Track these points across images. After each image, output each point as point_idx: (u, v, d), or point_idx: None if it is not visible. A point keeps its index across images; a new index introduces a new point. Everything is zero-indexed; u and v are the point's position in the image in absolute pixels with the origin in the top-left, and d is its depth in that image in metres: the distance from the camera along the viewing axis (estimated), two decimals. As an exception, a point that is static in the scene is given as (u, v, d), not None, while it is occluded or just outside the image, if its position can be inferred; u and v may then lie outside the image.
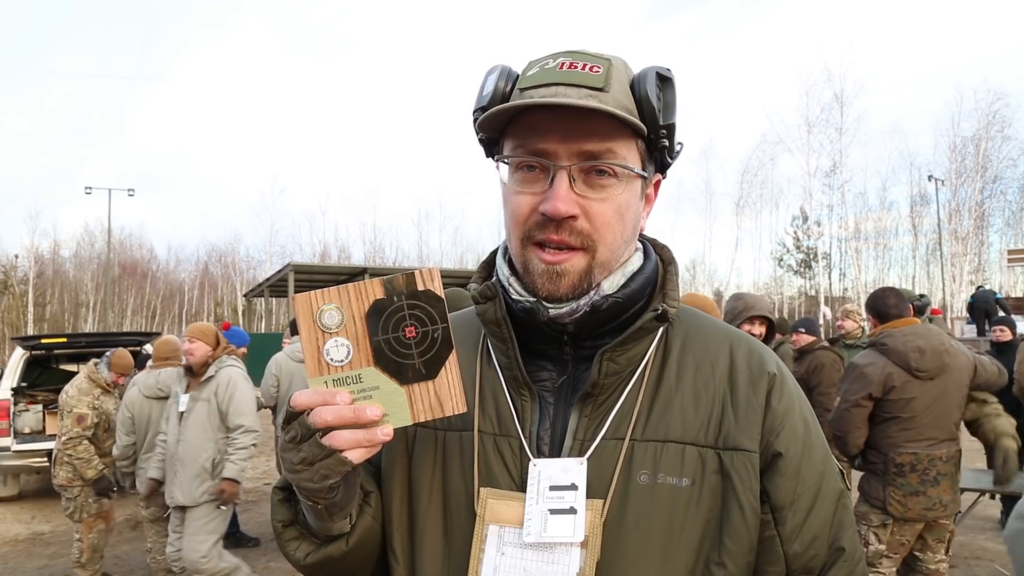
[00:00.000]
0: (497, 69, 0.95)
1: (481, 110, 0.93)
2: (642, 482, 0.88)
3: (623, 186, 0.90)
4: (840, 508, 0.93)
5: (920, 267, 39.87)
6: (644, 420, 0.91)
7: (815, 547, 0.90)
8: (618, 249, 0.93)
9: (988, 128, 33.30)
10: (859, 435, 3.59)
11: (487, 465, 0.93)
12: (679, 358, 0.96)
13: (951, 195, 33.99)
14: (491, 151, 0.98)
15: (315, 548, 0.93)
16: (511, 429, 0.94)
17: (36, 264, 46.95)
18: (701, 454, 0.89)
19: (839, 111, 33.30)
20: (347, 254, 51.13)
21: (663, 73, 0.91)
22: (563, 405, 0.94)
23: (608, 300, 0.92)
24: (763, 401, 0.92)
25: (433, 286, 0.83)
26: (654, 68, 0.91)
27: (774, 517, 0.89)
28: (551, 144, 0.88)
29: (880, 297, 3.86)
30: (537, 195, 0.89)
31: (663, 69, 0.91)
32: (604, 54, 0.92)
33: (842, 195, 34.65)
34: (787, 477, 0.90)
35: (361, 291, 0.83)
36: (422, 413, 0.84)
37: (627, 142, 0.90)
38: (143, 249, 56.41)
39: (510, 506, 0.90)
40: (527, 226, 0.90)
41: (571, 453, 0.91)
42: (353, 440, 0.80)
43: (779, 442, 0.90)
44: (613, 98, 0.87)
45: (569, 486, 0.88)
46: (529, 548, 0.87)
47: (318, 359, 0.82)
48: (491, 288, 0.96)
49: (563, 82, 0.87)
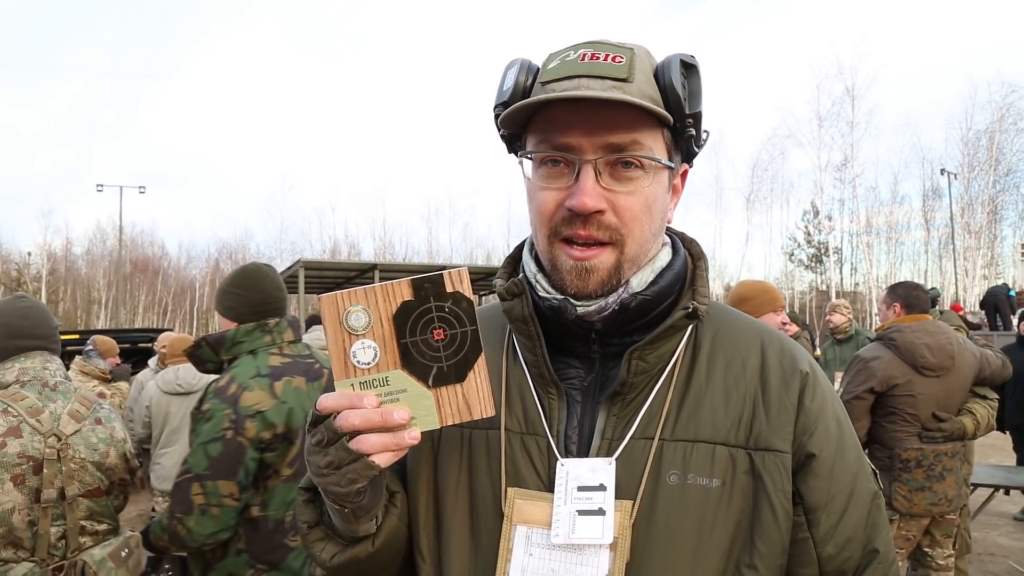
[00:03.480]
0: (517, 63, 0.93)
1: (502, 106, 0.91)
2: (672, 483, 0.86)
3: (650, 178, 0.89)
4: (874, 509, 0.92)
5: (932, 261, 39.58)
6: (673, 419, 0.90)
7: (849, 549, 0.89)
8: (647, 243, 0.91)
9: (1002, 121, 32.95)
10: (860, 427, 3.60)
11: (514, 464, 0.92)
12: (709, 356, 0.95)
13: (964, 189, 33.68)
14: (513, 147, 0.97)
15: (341, 549, 0.92)
16: (538, 428, 0.93)
17: (49, 261, 47.32)
18: (732, 454, 0.88)
19: (850, 105, 33.04)
20: (357, 250, 51.23)
21: (687, 60, 0.89)
22: (591, 404, 0.93)
23: (637, 298, 0.90)
24: (796, 400, 0.91)
25: (462, 288, 0.82)
26: (678, 55, 0.89)
27: (807, 519, 0.88)
28: (575, 138, 0.86)
29: (913, 288, 3.86)
30: (563, 190, 0.88)
31: (687, 56, 0.90)
32: (626, 43, 0.90)
33: (853, 189, 34.40)
34: (821, 478, 0.88)
35: (389, 292, 0.81)
36: (450, 416, 0.83)
37: (653, 132, 0.88)
38: (154, 246, 56.75)
39: (538, 506, 0.89)
40: (554, 222, 0.89)
41: (599, 453, 0.90)
42: (380, 444, 0.79)
43: (812, 442, 0.89)
44: (637, 88, 0.86)
45: (598, 487, 0.87)
46: (557, 549, 0.86)
47: (344, 361, 0.81)
48: (518, 285, 0.94)
49: (586, 74, 0.86)
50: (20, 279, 43.88)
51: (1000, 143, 33.15)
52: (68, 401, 2.20)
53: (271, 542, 2.18)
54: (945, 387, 3.54)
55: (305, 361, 2.37)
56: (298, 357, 2.36)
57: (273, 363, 2.28)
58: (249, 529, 2.18)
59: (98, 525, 2.19)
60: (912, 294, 3.82)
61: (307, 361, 2.38)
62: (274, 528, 2.20)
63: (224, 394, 2.16)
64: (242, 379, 2.20)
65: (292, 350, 2.37)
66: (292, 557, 2.22)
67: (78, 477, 2.14)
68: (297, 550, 2.23)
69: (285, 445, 2.20)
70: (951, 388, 3.56)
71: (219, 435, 2.10)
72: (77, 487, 2.13)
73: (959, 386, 3.59)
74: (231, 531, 2.15)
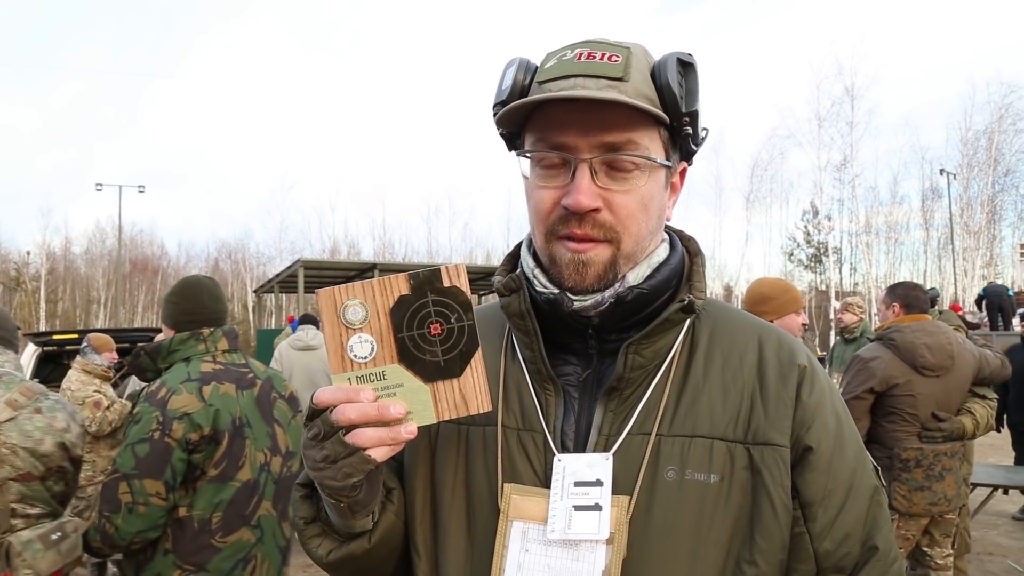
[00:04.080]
0: (515, 62, 0.94)
1: (500, 104, 0.92)
2: (669, 478, 0.86)
3: (646, 177, 0.89)
4: (874, 505, 0.91)
5: (932, 261, 39.56)
6: (671, 415, 0.90)
7: (847, 545, 0.88)
8: (643, 240, 0.91)
9: (1001, 121, 32.92)
10: (860, 427, 3.60)
11: (511, 460, 0.92)
12: (706, 351, 0.95)
13: (963, 189, 33.66)
14: (512, 144, 0.97)
15: (337, 545, 0.93)
16: (535, 424, 0.93)
17: (48, 261, 47.26)
18: (730, 449, 0.88)
19: (850, 105, 33.02)
20: (357, 250, 51.20)
21: (684, 59, 0.89)
22: (588, 400, 0.93)
23: (633, 291, 0.90)
24: (793, 394, 0.91)
25: (459, 282, 0.82)
26: (675, 54, 0.89)
27: (804, 514, 0.87)
28: (571, 137, 0.86)
29: (912, 288, 3.87)
30: (559, 189, 0.88)
31: (684, 54, 0.90)
32: (623, 42, 0.91)
33: (853, 189, 34.37)
34: (818, 472, 0.88)
35: (386, 287, 0.81)
36: (447, 411, 0.83)
37: (649, 132, 0.88)
38: (154, 246, 56.68)
39: (534, 502, 0.88)
40: (550, 220, 0.89)
41: (596, 448, 0.90)
42: (377, 438, 0.79)
43: (810, 436, 0.89)
44: (633, 87, 0.86)
45: (594, 482, 0.87)
46: (554, 545, 0.86)
47: (341, 355, 0.81)
48: (515, 280, 0.95)
49: (582, 73, 0.86)
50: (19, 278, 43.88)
51: (999, 143, 33.15)
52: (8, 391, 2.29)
53: (197, 542, 2.26)
54: (944, 387, 3.55)
55: (238, 369, 2.49)
56: (231, 365, 2.48)
57: (204, 369, 2.40)
58: (176, 529, 2.26)
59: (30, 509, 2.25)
60: (911, 294, 3.82)
61: (240, 370, 2.50)
62: (200, 528, 2.27)
63: (154, 398, 2.27)
64: (172, 384, 2.31)
65: (226, 358, 2.48)
66: (220, 559, 2.29)
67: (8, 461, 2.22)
68: (225, 551, 2.29)
69: (212, 447, 2.29)
70: (950, 388, 3.56)
71: (147, 436, 2.20)
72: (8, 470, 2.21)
73: (958, 386, 3.60)
74: (159, 531, 2.23)
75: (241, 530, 2.33)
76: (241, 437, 2.37)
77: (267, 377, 2.59)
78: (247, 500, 2.36)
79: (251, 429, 2.41)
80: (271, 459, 2.46)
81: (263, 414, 2.48)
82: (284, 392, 2.64)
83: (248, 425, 2.40)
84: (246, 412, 2.41)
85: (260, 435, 2.44)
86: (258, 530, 2.38)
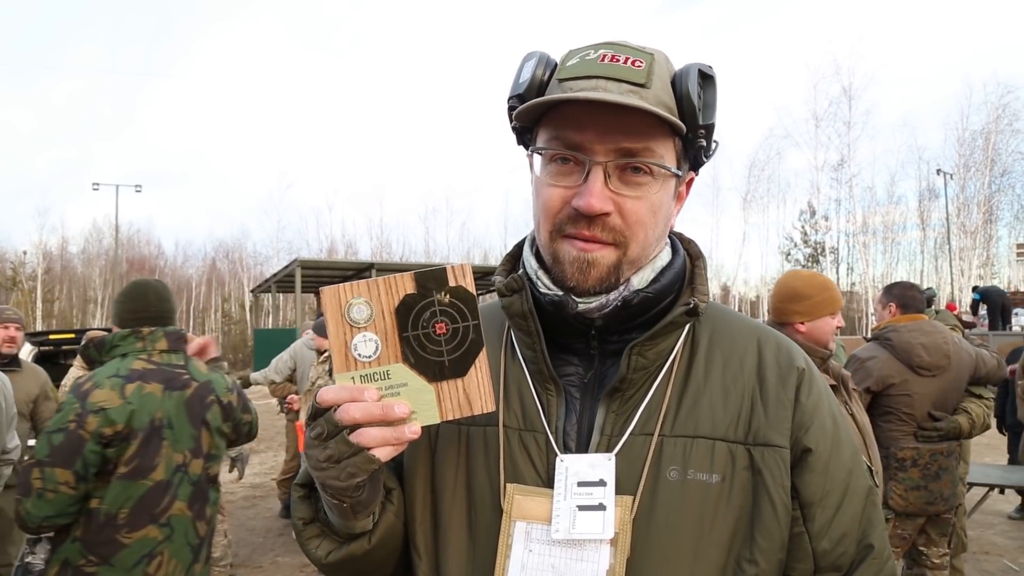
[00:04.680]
0: (535, 56, 0.93)
1: (518, 98, 0.91)
2: (672, 478, 0.87)
3: (658, 185, 0.89)
4: (869, 505, 0.92)
5: (928, 261, 39.66)
6: (673, 415, 0.90)
7: (843, 544, 0.89)
8: (649, 247, 0.92)
9: (997, 122, 33.01)
10: None
11: (512, 460, 0.92)
12: (707, 353, 0.95)
13: (959, 189, 33.75)
14: (523, 139, 0.97)
15: (337, 546, 0.92)
16: (536, 424, 0.93)
17: (44, 260, 47.13)
18: (731, 450, 0.88)
19: (847, 105, 33.13)
20: (354, 250, 51.17)
21: (705, 71, 0.89)
22: (590, 400, 0.93)
23: (639, 295, 0.90)
24: (792, 396, 0.91)
25: (465, 282, 0.82)
26: (696, 65, 0.89)
27: (803, 514, 0.88)
28: (588, 139, 0.86)
29: (908, 288, 3.87)
30: (570, 189, 0.88)
31: (706, 67, 0.90)
32: (647, 48, 0.90)
33: (850, 189, 34.48)
34: (816, 473, 0.89)
35: (391, 285, 0.81)
36: (450, 411, 0.83)
37: (665, 140, 0.88)
38: (151, 245, 56.57)
39: (537, 502, 0.89)
40: (558, 219, 0.89)
41: (599, 449, 0.90)
42: (381, 438, 0.79)
43: (808, 438, 0.89)
44: (654, 95, 0.86)
45: (598, 482, 0.87)
46: (557, 545, 0.87)
47: (345, 354, 0.81)
48: (517, 281, 0.94)
49: (604, 75, 0.86)
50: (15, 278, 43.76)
51: (996, 143, 33.25)
52: None
53: (103, 535, 2.33)
54: (941, 386, 3.55)
55: (172, 370, 2.55)
56: (165, 365, 2.54)
57: (135, 367, 2.47)
58: (86, 519, 2.34)
59: None
60: (907, 294, 3.83)
61: (174, 371, 2.56)
62: (106, 521, 2.34)
63: (79, 390, 2.37)
64: (98, 378, 2.40)
65: (162, 358, 2.55)
66: (126, 554, 2.35)
67: None
68: (131, 548, 2.35)
69: (125, 444, 2.36)
70: (947, 387, 3.57)
71: (64, 426, 2.30)
72: None
73: (955, 385, 3.61)
74: (69, 518, 2.32)
75: (148, 527, 2.38)
76: (159, 437, 2.41)
77: (206, 381, 2.64)
78: (158, 499, 2.40)
79: (172, 430, 2.45)
80: (191, 461, 2.51)
81: (191, 416, 2.52)
82: (224, 399, 2.68)
83: (169, 426, 2.44)
84: (169, 413, 2.45)
85: (183, 437, 2.49)
86: (167, 528, 2.42)
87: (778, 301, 2.77)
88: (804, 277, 2.87)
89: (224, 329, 50.32)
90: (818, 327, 2.68)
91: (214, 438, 2.62)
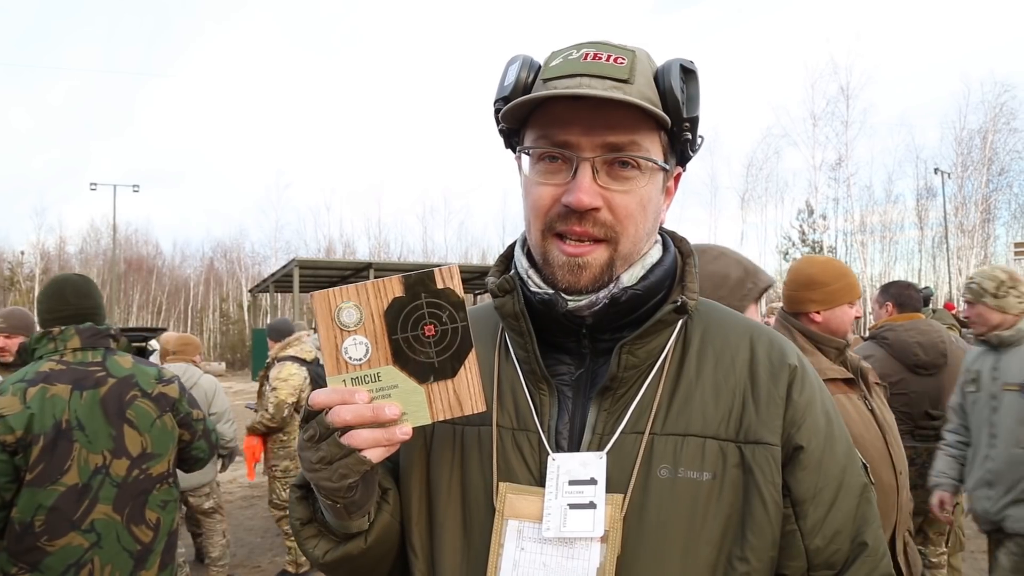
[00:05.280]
0: (519, 59, 0.94)
1: (503, 100, 0.92)
2: (662, 476, 0.87)
3: (646, 178, 0.90)
4: (863, 502, 0.92)
5: (926, 260, 39.70)
6: (664, 414, 0.91)
7: (837, 542, 0.90)
8: (640, 242, 0.92)
9: (995, 120, 33.08)
10: None
11: (505, 460, 0.92)
12: (699, 351, 0.95)
13: (957, 188, 33.82)
14: (511, 142, 0.97)
15: (334, 546, 0.93)
16: (529, 423, 0.93)
17: (42, 260, 47.14)
18: (722, 448, 0.89)
19: (845, 104, 33.19)
20: (352, 249, 51.21)
21: (687, 66, 0.90)
22: (582, 399, 0.94)
23: (627, 292, 0.91)
24: (784, 394, 0.92)
25: (452, 284, 0.82)
26: (678, 60, 0.90)
27: (795, 511, 0.89)
28: (574, 135, 0.87)
29: (905, 287, 3.89)
30: (559, 186, 0.89)
31: (687, 62, 0.91)
32: (628, 45, 0.91)
33: (848, 188, 34.54)
34: (808, 471, 0.89)
35: (380, 289, 0.82)
36: (441, 412, 0.83)
37: (650, 134, 0.89)
38: (149, 245, 56.61)
39: (529, 501, 0.89)
40: (548, 217, 0.90)
41: (590, 447, 0.90)
42: (372, 439, 0.79)
43: (800, 435, 0.90)
44: (638, 90, 0.87)
45: (588, 480, 0.87)
46: (549, 543, 0.87)
47: (336, 357, 0.82)
48: (509, 281, 0.95)
49: (588, 73, 0.87)
50: (13, 278, 43.73)
51: (993, 142, 33.31)
52: None
53: (23, 543, 2.28)
54: (938, 385, 3.56)
55: (85, 369, 2.44)
56: (77, 365, 2.44)
57: (44, 369, 2.39)
58: (9, 528, 2.30)
59: None
60: (904, 293, 3.84)
61: (88, 369, 2.45)
62: (22, 530, 2.28)
63: None
64: (5, 384, 2.35)
65: (74, 357, 2.45)
66: (51, 560, 2.28)
67: None
68: (55, 555, 2.28)
69: (29, 450, 2.29)
70: (944, 386, 3.58)
71: None
72: None
73: (952, 384, 3.60)
74: None
75: (70, 535, 2.29)
76: (68, 440, 2.31)
77: (127, 375, 2.50)
78: (75, 504, 2.30)
79: (84, 432, 2.34)
80: (111, 461, 2.38)
81: (107, 415, 2.40)
82: (151, 390, 2.54)
83: (80, 428, 2.34)
84: (79, 414, 2.35)
85: (98, 437, 2.37)
86: (92, 535, 2.32)
87: (792, 289, 2.56)
88: (820, 263, 2.67)
89: (222, 329, 50.33)
90: (835, 316, 2.49)
91: (146, 434, 2.48)
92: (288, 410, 5.08)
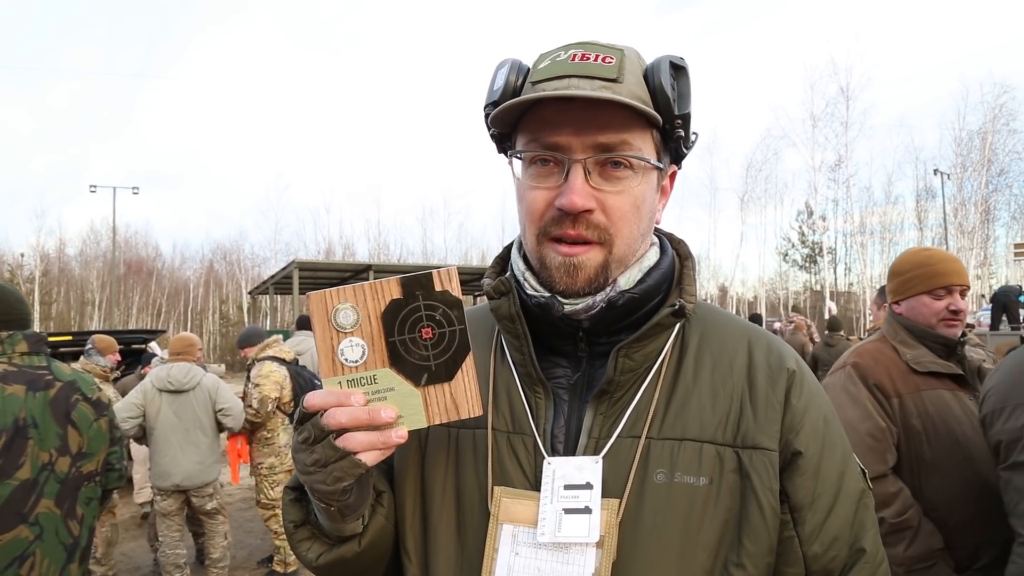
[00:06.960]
0: (507, 63, 0.94)
1: (492, 105, 0.92)
2: (659, 481, 0.86)
3: (639, 178, 0.89)
4: (861, 508, 0.92)
5: (926, 261, 39.59)
6: (661, 418, 0.90)
7: (835, 548, 0.89)
8: (635, 243, 0.92)
9: (994, 121, 33.07)
10: None
11: (501, 463, 0.92)
12: (696, 355, 0.95)
13: (957, 189, 33.81)
14: (503, 146, 0.97)
15: (327, 549, 0.92)
16: (525, 427, 0.93)
17: (42, 262, 47.11)
18: (719, 453, 0.88)
19: (844, 105, 33.20)
20: (352, 251, 51.19)
21: (676, 62, 0.90)
22: (578, 403, 0.93)
23: (624, 296, 0.90)
24: (782, 398, 0.91)
25: (451, 287, 0.82)
26: (667, 57, 0.90)
27: (793, 517, 0.88)
28: (565, 137, 0.86)
29: None
30: (552, 189, 0.88)
31: (676, 58, 0.90)
32: (616, 44, 0.91)
33: (847, 189, 34.55)
34: (807, 476, 0.88)
35: (377, 290, 0.81)
36: (437, 415, 0.83)
37: (642, 133, 0.89)
38: (148, 247, 56.54)
39: (524, 505, 0.88)
40: (543, 221, 0.89)
41: (586, 451, 0.90)
42: (367, 442, 0.79)
43: (798, 440, 0.89)
44: (627, 89, 0.86)
45: (584, 485, 0.87)
46: (543, 548, 0.86)
47: (332, 359, 0.81)
48: (505, 283, 0.94)
49: (576, 74, 0.86)
50: (13, 280, 43.69)
51: (993, 143, 33.30)
52: None
53: None
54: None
55: (35, 372, 2.59)
56: (27, 367, 2.59)
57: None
58: None
59: None
60: None
61: (37, 372, 2.60)
62: None
63: None
64: None
65: (23, 360, 2.60)
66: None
67: None
68: (4, 547, 2.36)
69: None
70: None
71: None
72: None
73: (951, 386, 3.60)
74: None
75: (19, 528, 2.40)
76: (23, 437, 2.45)
77: (71, 380, 2.68)
78: (25, 498, 2.43)
79: (37, 430, 2.49)
80: (57, 459, 2.54)
81: (56, 415, 2.56)
82: (91, 395, 2.72)
83: (34, 425, 2.48)
84: (33, 413, 2.50)
85: (48, 435, 2.52)
86: (36, 527, 2.45)
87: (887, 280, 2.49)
88: (910, 252, 2.49)
89: (222, 331, 50.30)
90: (914, 308, 2.31)
91: (84, 435, 2.64)
92: (272, 404, 5.28)
